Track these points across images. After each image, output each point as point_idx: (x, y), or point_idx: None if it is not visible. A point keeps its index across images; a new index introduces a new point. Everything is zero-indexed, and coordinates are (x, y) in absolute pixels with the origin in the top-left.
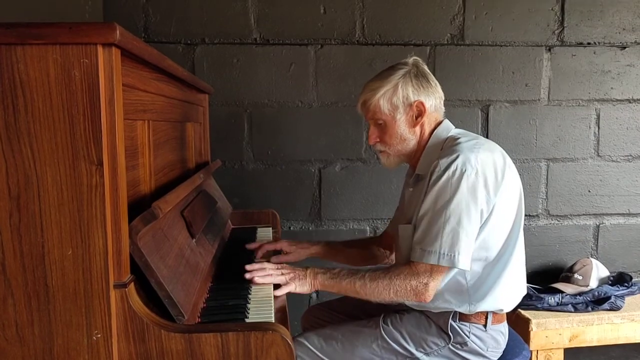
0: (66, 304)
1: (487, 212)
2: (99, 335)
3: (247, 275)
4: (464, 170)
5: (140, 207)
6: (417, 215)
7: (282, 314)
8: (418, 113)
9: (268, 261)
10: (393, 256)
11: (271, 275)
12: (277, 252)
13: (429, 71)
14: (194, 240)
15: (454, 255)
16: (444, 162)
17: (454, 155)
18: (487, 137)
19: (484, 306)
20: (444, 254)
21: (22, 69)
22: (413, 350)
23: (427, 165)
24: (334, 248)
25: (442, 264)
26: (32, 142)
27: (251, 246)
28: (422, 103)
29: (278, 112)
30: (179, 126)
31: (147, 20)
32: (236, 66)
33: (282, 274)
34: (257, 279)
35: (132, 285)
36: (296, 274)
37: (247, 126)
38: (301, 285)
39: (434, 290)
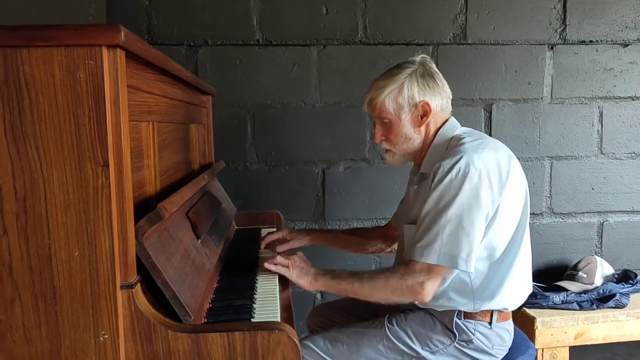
0: (73, 305)
1: (492, 213)
2: (106, 336)
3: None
4: (467, 171)
5: (145, 208)
6: (420, 215)
7: (287, 314)
8: (423, 113)
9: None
10: (395, 246)
11: (276, 257)
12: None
13: (436, 70)
14: (199, 240)
15: (454, 256)
16: (447, 163)
17: (457, 157)
18: (490, 135)
19: (488, 305)
20: (444, 253)
21: (28, 71)
22: (419, 350)
23: (431, 164)
24: (334, 234)
25: (442, 263)
26: (38, 143)
27: (262, 244)
28: (427, 103)
29: (281, 113)
30: (183, 128)
31: (150, 23)
32: (239, 67)
33: (287, 258)
34: (265, 265)
35: (138, 285)
36: (299, 265)
37: (251, 127)
38: (299, 277)
39: (431, 290)
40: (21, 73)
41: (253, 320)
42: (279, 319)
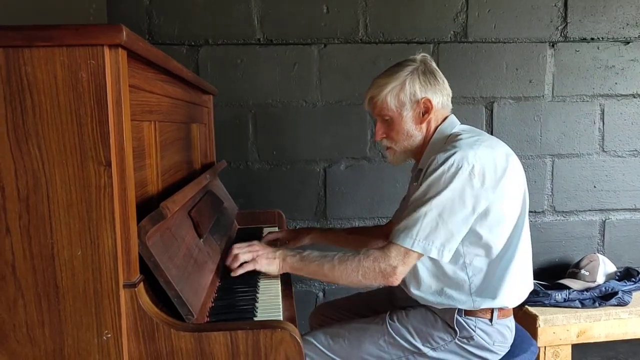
0: (76, 304)
1: (481, 209)
2: (109, 335)
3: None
4: (459, 166)
5: (148, 208)
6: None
7: (290, 313)
8: (425, 110)
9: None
10: None
11: (238, 255)
12: (282, 242)
13: (436, 68)
14: (202, 240)
15: (429, 244)
16: (441, 156)
17: (452, 151)
18: (491, 134)
19: (488, 303)
20: (419, 240)
21: (30, 71)
22: (420, 346)
23: (428, 159)
24: (335, 233)
25: (415, 249)
26: (40, 143)
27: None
28: (429, 100)
29: (282, 112)
30: (185, 127)
31: (150, 22)
32: (240, 67)
33: (250, 251)
34: (231, 266)
35: (141, 285)
36: (264, 253)
37: (252, 126)
38: (268, 265)
39: (402, 274)
40: (23, 73)
41: (255, 319)
42: (281, 318)
